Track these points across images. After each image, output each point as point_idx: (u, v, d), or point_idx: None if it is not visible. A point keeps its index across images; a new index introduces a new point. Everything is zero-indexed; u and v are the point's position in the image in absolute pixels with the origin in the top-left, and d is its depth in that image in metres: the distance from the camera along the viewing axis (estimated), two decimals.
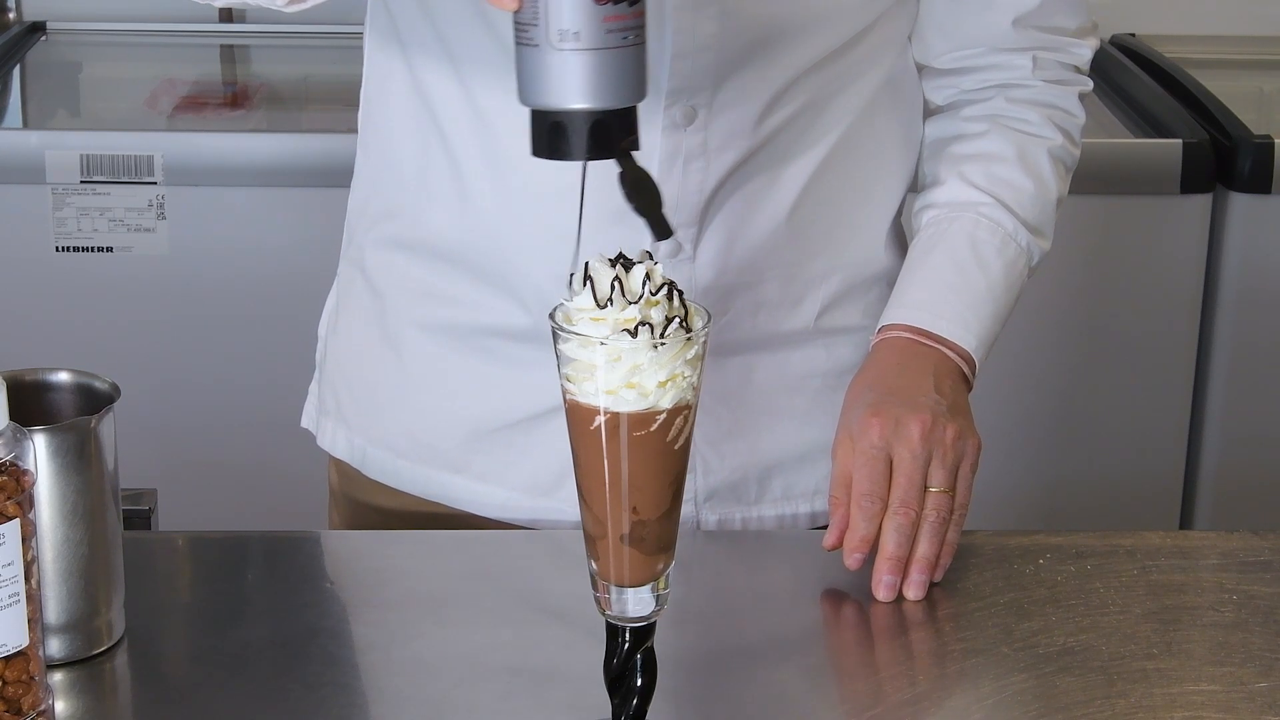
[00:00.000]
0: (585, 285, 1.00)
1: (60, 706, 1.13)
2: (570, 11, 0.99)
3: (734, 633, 1.22)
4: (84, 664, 1.17)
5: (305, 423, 1.56)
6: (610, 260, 1.00)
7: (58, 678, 1.15)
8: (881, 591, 1.26)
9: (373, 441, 1.49)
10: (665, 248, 1.34)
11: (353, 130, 1.50)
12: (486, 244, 1.39)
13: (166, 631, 1.23)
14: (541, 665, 1.18)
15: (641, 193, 1.03)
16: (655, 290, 0.99)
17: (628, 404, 0.99)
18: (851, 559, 1.27)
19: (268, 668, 1.17)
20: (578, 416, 1.01)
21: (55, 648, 1.16)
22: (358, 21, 1.48)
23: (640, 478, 1.01)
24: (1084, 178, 2.39)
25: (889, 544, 1.27)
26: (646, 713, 1.08)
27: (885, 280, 1.46)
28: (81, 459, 1.14)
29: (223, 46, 2.93)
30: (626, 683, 1.07)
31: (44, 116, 2.71)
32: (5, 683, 1.05)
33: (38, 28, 2.87)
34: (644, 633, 1.06)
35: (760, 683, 1.19)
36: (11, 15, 2.88)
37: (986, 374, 1.43)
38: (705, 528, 1.42)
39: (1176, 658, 1.21)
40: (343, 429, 1.51)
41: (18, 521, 1.04)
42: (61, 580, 1.15)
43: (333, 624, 1.24)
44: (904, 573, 1.27)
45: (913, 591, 1.27)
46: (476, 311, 1.41)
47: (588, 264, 1.00)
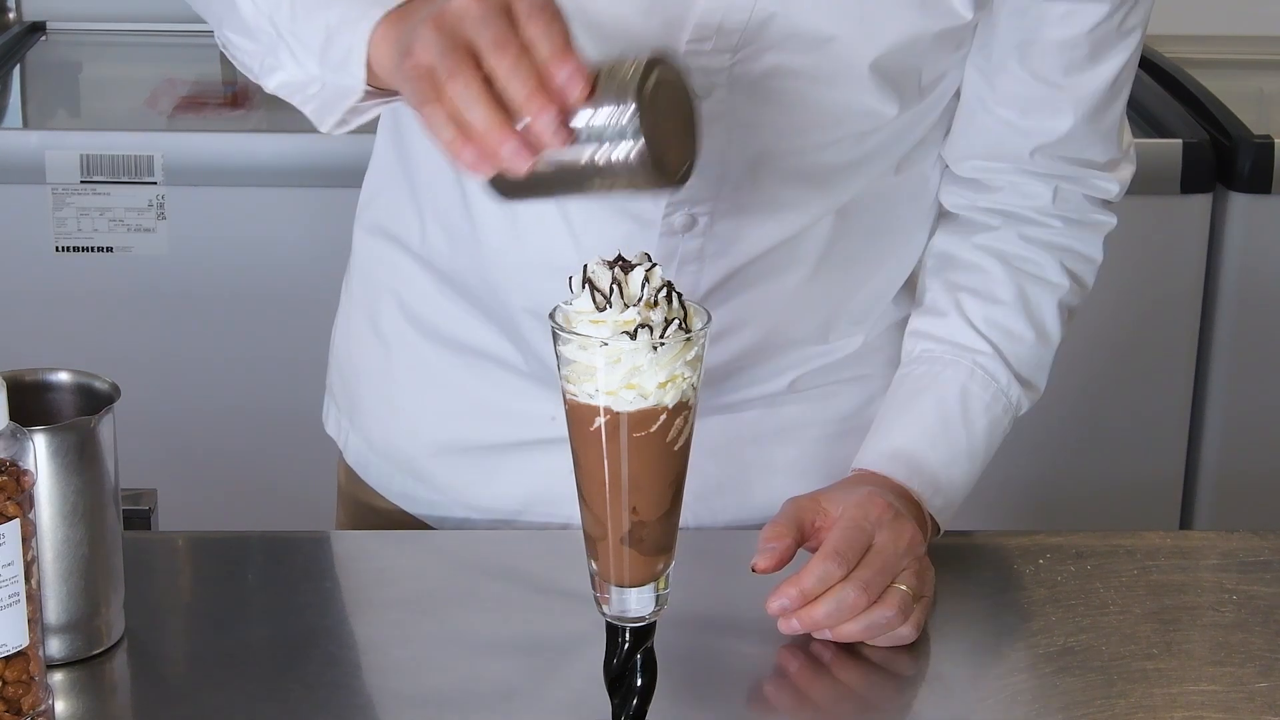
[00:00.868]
0: (584, 288, 1.00)
1: (60, 706, 1.13)
2: None
3: (734, 633, 1.22)
4: (84, 664, 1.17)
5: (324, 407, 1.54)
6: (609, 262, 1.00)
7: (58, 678, 1.15)
8: (773, 607, 1.20)
9: (355, 428, 1.48)
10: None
11: (352, 130, 1.49)
12: (477, 269, 1.37)
13: (166, 631, 1.23)
14: (541, 665, 1.18)
15: None
16: (654, 292, 0.99)
17: (627, 405, 0.99)
18: (776, 605, 1.20)
19: (268, 668, 1.17)
20: (578, 417, 1.01)
21: (55, 648, 1.16)
22: None
23: (640, 478, 1.01)
24: None
25: (819, 610, 1.19)
26: (646, 713, 1.08)
27: (889, 333, 1.42)
28: (81, 459, 1.14)
29: None
30: (626, 683, 1.07)
31: (44, 116, 2.71)
32: (5, 683, 1.05)
33: (38, 28, 2.87)
34: (644, 633, 1.06)
35: (759, 683, 1.19)
36: (11, 15, 2.87)
37: None
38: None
39: (1176, 658, 1.21)
40: (333, 410, 1.51)
41: (18, 521, 1.04)
42: (61, 580, 1.15)
43: (333, 624, 1.24)
44: (801, 613, 1.20)
45: (783, 623, 1.20)
46: (463, 330, 1.40)
47: (586, 266, 1.00)
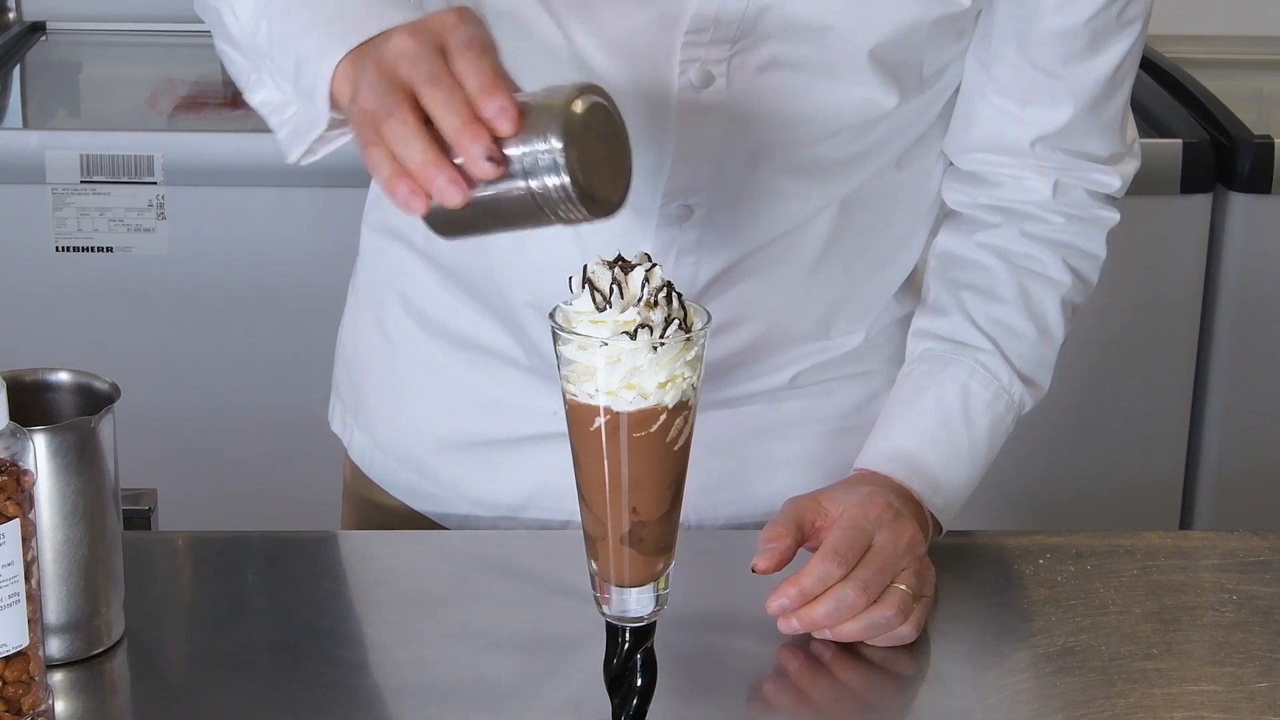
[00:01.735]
0: (584, 288, 1.00)
1: (60, 706, 1.13)
2: None
3: (734, 633, 1.22)
4: (84, 664, 1.17)
5: (330, 405, 1.54)
6: (608, 263, 1.00)
7: (58, 678, 1.15)
8: (772, 606, 1.20)
9: (360, 426, 1.48)
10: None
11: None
12: (480, 263, 1.37)
13: (166, 631, 1.23)
14: (541, 665, 1.18)
15: None
16: (654, 292, 0.99)
17: (627, 405, 0.99)
18: (775, 605, 1.19)
19: (268, 668, 1.17)
20: (578, 417, 1.01)
21: (55, 648, 1.16)
22: None
23: (640, 478, 1.01)
24: None
25: (819, 609, 1.19)
26: (646, 713, 1.08)
27: (890, 330, 1.41)
28: (81, 459, 1.14)
29: None
30: (626, 683, 1.07)
31: (44, 116, 2.71)
32: (5, 683, 1.05)
33: (38, 28, 2.87)
34: (644, 633, 1.06)
35: (759, 683, 1.19)
36: (11, 15, 2.87)
37: None
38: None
39: (1176, 658, 1.21)
40: (338, 407, 1.51)
41: (18, 521, 1.04)
42: (61, 580, 1.15)
43: (333, 624, 1.24)
44: (800, 612, 1.20)
45: (783, 623, 1.20)
46: (467, 326, 1.40)
47: (586, 267, 1.00)
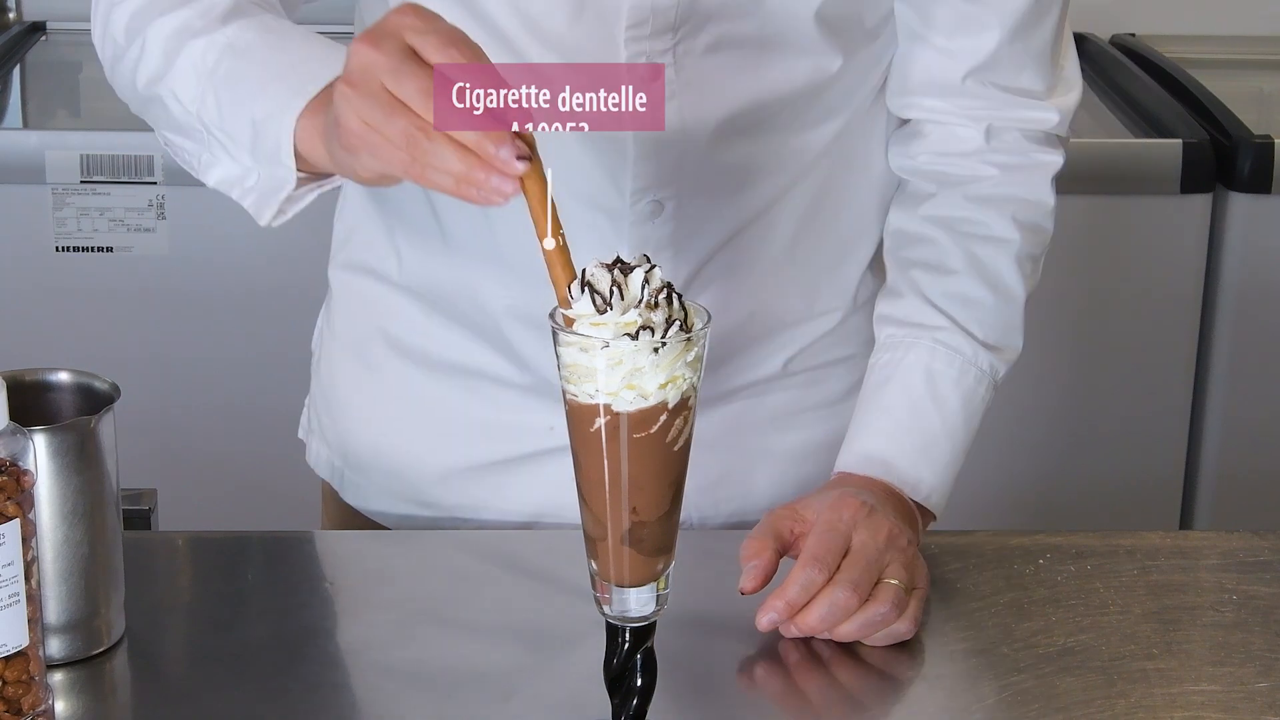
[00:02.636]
0: (584, 291, 1.00)
1: (60, 706, 1.13)
2: None
3: (734, 632, 1.22)
4: (84, 664, 1.17)
5: (301, 434, 1.54)
6: (607, 265, 1.00)
7: (58, 678, 1.15)
8: (762, 622, 1.19)
9: (351, 467, 1.46)
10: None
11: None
12: (455, 278, 1.37)
13: (166, 631, 1.23)
14: (542, 665, 1.18)
15: None
16: (654, 293, 0.99)
17: (628, 405, 0.99)
18: (765, 621, 1.19)
19: (268, 668, 1.17)
20: (578, 418, 1.01)
21: (55, 648, 1.16)
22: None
23: (640, 479, 1.01)
24: (1084, 178, 2.41)
25: (812, 615, 1.18)
26: (646, 713, 1.08)
27: (868, 308, 1.41)
28: (81, 459, 1.14)
29: None
30: (626, 683, 1.07)
31: (44, 116, 2.71)
32: (5, 683, 1.05)
33: (38, 28, 2.87)
34: (644, 633, 1.06)
35: (760, 683, 1.19)
36: (11, 15, 2.87)
37: None
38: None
39: (1176, 658, 1.21)
40: (324, 449, 1.49)
41: (18, 521, 1.04)
42: (61, 580, 1.15)
43: (333, 624, 1.24)
44: (796, 620, 1.19)
45: (784, 628, 1.19)
46: (454, 352, 1.39)
47: (585, 270, 1.00)
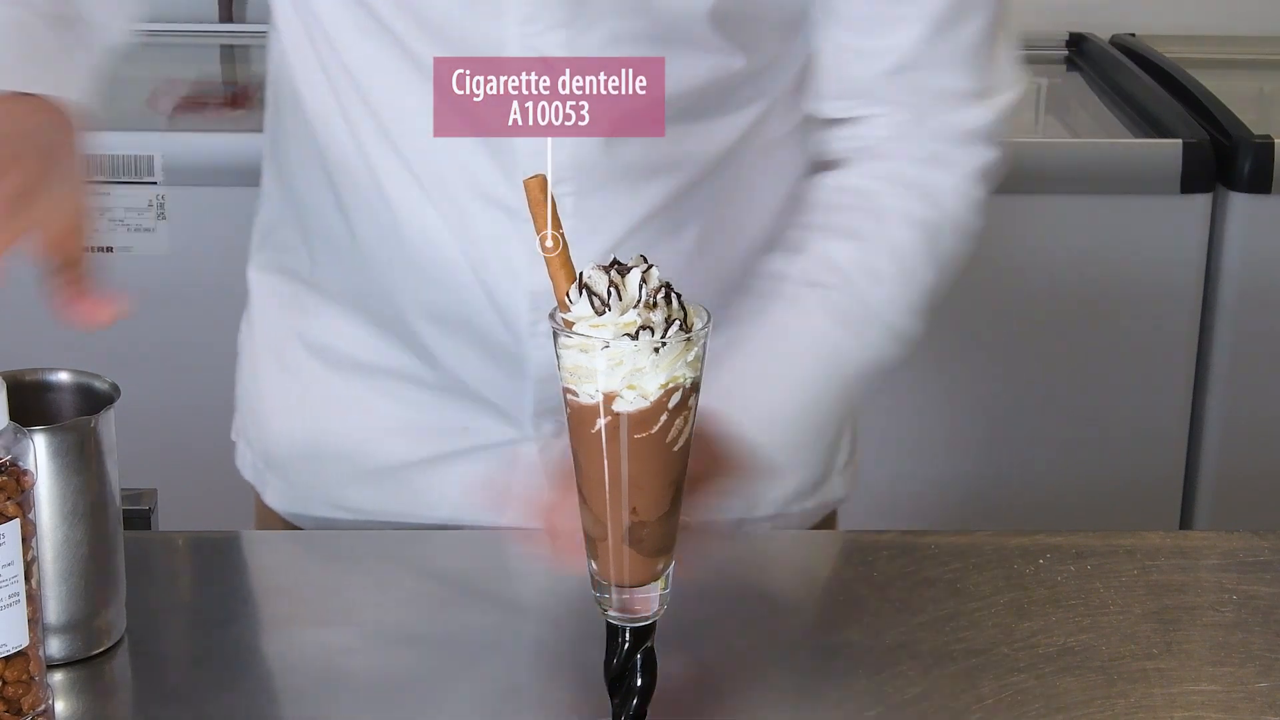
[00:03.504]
0: (581, 294, 1.00)
1: (60, 706, 1.13)
2: None
3: (734, 633, 1.22)
4: (84, 664, 1.17)
5: (233, 435, 1.53)
6: (604, 267, 1.00)
7: (58, 678, 1.16)
8: None
9: (272, 469, 1.47)
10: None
11: None
12: (366, 280, 1.37)
13: (166, 631, 1.23)
14: (541, 665, 1.18)
15: None
16: (653, 293, 0.99)
17: (628, 405, 0.99)
18: None
19: (268, 668, 1.17)
20: (579, 419, 1.01)
21: (55, 648, 1.16)
22: None
23: (640, 479, 1.01)
24: (1084, 178, 2.41)
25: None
26: (646, 713, 1.08)
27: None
28: (81, 459, 1.14)
29: (223, 46, 2.93)
30: (626, 683, 1.07)
31: None
32: (5, 683, 1.05)
33: None
34: (644, 633, 1.06)
35: (760, 683, 1.19)
36: None
37: (987, 373, 1.42)
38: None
39: (1176, 658, 1.21)
40: (249, 451, 1.50)
41: (18, 521, 1.04)
42: (61, 580, 1.15)
43: (334, 623, 1.24)
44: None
45: None
46: (367, 351, 1.40)
47: (582, 274, 1.00)
